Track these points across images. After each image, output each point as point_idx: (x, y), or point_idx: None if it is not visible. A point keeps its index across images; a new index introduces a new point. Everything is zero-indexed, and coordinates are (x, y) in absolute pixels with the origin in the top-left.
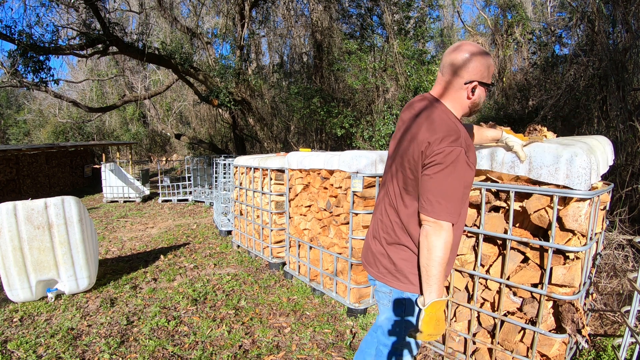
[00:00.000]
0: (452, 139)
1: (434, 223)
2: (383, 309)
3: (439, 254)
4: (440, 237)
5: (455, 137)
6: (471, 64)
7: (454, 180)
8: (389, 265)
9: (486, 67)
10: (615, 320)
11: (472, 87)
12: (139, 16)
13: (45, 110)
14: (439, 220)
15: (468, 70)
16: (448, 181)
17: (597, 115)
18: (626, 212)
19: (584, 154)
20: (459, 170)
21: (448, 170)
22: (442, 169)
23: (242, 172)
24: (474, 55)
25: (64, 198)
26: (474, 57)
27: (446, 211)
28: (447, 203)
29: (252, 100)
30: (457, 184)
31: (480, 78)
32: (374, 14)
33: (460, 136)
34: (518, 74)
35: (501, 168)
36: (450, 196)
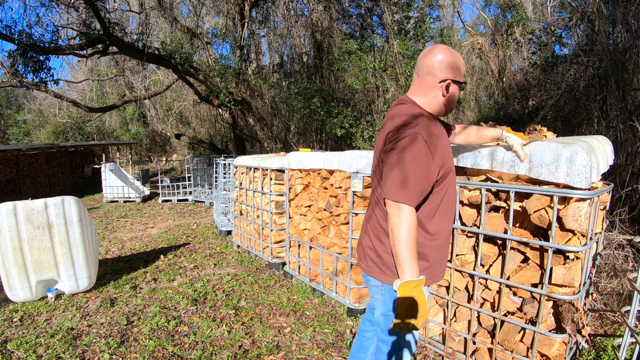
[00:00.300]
0: (408, 127)
1: (394, 205)
2: (377, 304)
3: (402, 234)
4: (401, 218)
5: (412, 125)
6: (444, 64)
7: (409, 164)
8: (376, 258)
9: (457, 66)
10: (615, 320)
11: (446, 85)
12: (139, 16)
13: (45, 110)
14: (397, 202)
15: (442, 70)
16: (402, 165)
17: (597, 115)
18: (626, 212)
19: (584, 152)
20: (414, 154)
21: (402, 155)
22: (396, 153)
23: (242, 172)
24: (446, 56)
25: (64, 198)
26: (446, 57)
27: (402, 193)
28: (403, 185)
29: (252, 100)
30: (412, 167)
31: (454, 77)
32: (374, 14)
33: (419, 124)
34: (518, 74)
35: (501, 167)
36: (406, 179)
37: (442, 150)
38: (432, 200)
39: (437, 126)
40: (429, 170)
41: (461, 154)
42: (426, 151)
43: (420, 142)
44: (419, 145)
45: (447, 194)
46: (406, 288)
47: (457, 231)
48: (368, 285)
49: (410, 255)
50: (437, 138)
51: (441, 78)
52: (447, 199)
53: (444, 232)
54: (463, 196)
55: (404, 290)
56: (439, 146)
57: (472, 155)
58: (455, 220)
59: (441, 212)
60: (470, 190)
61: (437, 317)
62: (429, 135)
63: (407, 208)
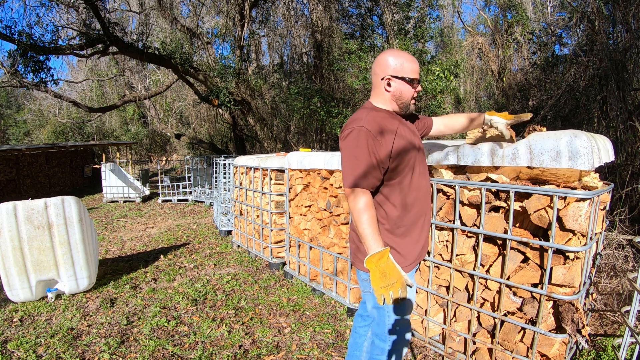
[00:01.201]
0: (352, 122)
1: (348, 191)
2: (368, 297)
3: (359, 215)
4: (355, 201)
5: (356, 120)
6: (383, 62)
7: (353, 152)
8: (355, 250)
9: (399, 63)
10: (615, 320)
11: (386, 81)
12: (139, 16)
13: (45, 110)
14: (349, 187)
15: (381, 68)
16: (347, 154)
17: (597, 115)
18: (626, 212)
19: (583, 135)
20: (356, 143)
21: (346, 146)
22: (343, 147)
23: (242, 172)
24: (385, 55)
25: (64, 198)
26: (384, 57)
27: (351, 179)
28: (352, 171)
29: (252, 100)
30: (355, 154)
31: (393, 73)
32: (374, 14)
33: (362, 119)
34: (518, 74)
35: (502, 161)
36: (352, 166)
37: (398, 144)
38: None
39: (392, 121)
40: (374, 155)
41: (461, 152)
42: (368, 140)
43: (361, 133)
44: (361, 135)
45: (409, 187)
46: (372, 261)
47: (457, 231)
48: (359, 279)
49: (369, 232)
50: (389, 131)
51: (381, 76)
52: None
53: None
54: (463, 196)
55: (370, 263)
56: (389, 138)
57: (472, 153)
58: (455, 220)
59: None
60: (470, 190)
61: (437, 317)
62: (375, 128)
63: (360, 190)
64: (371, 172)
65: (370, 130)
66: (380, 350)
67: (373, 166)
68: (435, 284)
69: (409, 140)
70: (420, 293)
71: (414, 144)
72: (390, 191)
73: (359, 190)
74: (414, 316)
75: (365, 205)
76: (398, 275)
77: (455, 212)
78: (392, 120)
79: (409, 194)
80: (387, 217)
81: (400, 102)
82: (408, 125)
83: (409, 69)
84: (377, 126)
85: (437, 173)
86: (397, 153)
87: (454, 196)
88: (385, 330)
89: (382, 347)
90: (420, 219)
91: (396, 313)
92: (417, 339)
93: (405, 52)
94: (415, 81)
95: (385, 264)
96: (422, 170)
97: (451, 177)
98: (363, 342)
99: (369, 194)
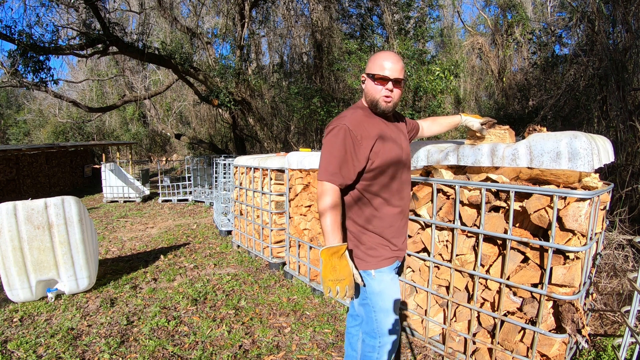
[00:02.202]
0: (335, 121)
1: (319, 184)
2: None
3: (323, 207)
4: (323, 194)
5: (339, 118)
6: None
7: (330, 149)
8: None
9: (372, 61)
10: (615, 320)
11: (362, 81)
12: (139, 16)
13: (45, 110)
14: (320, 180)
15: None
16: (325, 150)
17: (597, 115)
18: (626, 212)
19: (583, 136)
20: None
21: (326, 142)
22: (324, 142)
23: (242, 172)
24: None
25: (64, 198)
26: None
27: (324, 173)
28: (326, 167)
29: (252, 100)
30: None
31: (366, 71)
32: (374, 14)
33: (345, 117)
34: (518, 74)
35: (502, 162)
36: (327, 162)
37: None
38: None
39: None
40: (351, 154)
41: (461, 153)
42: (347, 139)
43: (341, 131)
44: (340, 133)
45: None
46: (326, 254)
47: (457, 231)
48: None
49: (329, 224)
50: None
51: (362, 79)
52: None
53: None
54: (463, 196)
55: (324, 255)
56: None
57: (472, 153)
58: (455, 220)
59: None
60: (470, 190)
61: (437, 317)
62: (357, 127)
63: (329, 185)
64: (345, 170)
65: (351, 129)
66: (371, 348)
67: (347, 165)
68: (435, 284)
69: (393, 141)
70: (420, 293)
71: (398, 145)
72: (368, 189)
73: (329, 185)
74: (413, 316)
75: (332, 201)
76: (348, 273)
77: (455, 212)
78: (375, 120)
79: (387, 194)
80: (361, 214)
81: (368, 100)
82: (396, 126)
83: (379, 66)
84: (360, 125)
85: (437, 173)
86: (377, 153)
87: (454, 196)
88: (374, 327)
89: (372, 344)
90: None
91: (382, 310)
92: (417, 339)
93: (388, 52)
94: (385, 80)
95: (337, 260)
96: (403, 171)
97: (451, 177)
98: (356, 341)
99: (337, 190)
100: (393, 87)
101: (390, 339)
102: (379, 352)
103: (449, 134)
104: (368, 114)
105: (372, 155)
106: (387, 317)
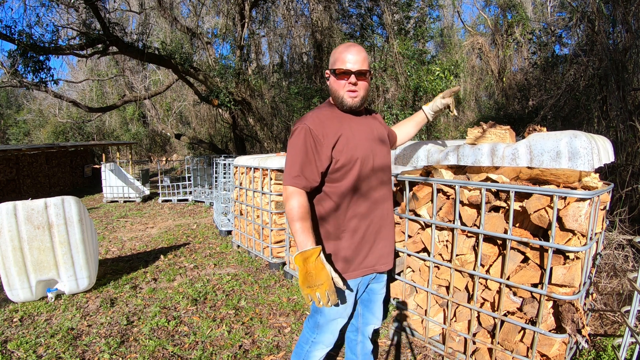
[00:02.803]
0: (298, 122)
1: (284, 188)
2: None
3: (289, 212)
4: (288, 199)
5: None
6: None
7: (292, 151)
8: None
9: (333, 56)
10: (615, 320)
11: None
12: (139, 16)
13: (45, 110)
14: (285, 185)
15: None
16: (288, 153)
17: (597, 115)
18: (626, 212)
19: (583, 135)
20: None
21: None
22: (288, 145)
23: (242, 172)
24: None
25: (64, 198)
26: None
27: (288, 177)
28: (289, 171)
29: (252, 100)
30: (295, 153)
31: (329, 67)
32: (374, 14)
33: (308, 117)
34: (518, 74)
35: (502, 162)
36: (290, 165)
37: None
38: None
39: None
40: (313, 154)
41: (461, 153)
42: (308, 140)
43: (302, 132)
44: (302, 134)
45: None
46: (299, 260)
47: (457, 231)
48: None
49: (298, 229)
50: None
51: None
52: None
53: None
54: (463, 196)
55: (297, 261)
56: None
57: (472, 153)
58: (455, 220)
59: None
60: (470, 190)
61: (437, 317)
62: (318, 127)
63: (293, 189)
64: (307, 171)
65: (312, 129)
66: (305, 340)
67: (310, 166)
68: (435, 284)
69: (361, 138)
70: (420, 293)
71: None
72: (334, 191)
73: (293, 189)
74: (413, 316)
75: (298, 205)
76: (325, 277)
77: (455, 212)
78: (341, 117)
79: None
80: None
81: (334, 97)
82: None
83: (340, 59)
84: (322, 124)
85: (437, 173)
86: (341, 151)
87: (454, 196)
88: (313, 324)
89: (307, 337)
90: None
91: (323, 314)
92: (417, 339)
93: (349, 44)
94: (347, 73)
95: (313, 264)
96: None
97: (451, 177)
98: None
99: (303, 193)
100: (357, 80)
101: (325, 339)
102: (310, 346)
103: (448, 134)
104: (333, 111)
105: (336, 154)
106: (328, 322)
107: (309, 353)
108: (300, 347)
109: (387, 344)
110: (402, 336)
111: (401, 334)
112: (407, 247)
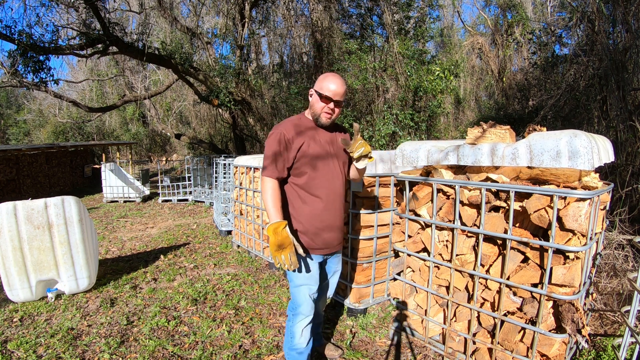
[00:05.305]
0: (275, 128)
1: (261, 179)
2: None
3: (264, 194)
4: (264, 186)
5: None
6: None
7: (267, 150)
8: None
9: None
10: (615, 320)
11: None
12: (139, 16)
13: (45, 110)
14: (262, 176)
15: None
16: (265, 150)
17: (597, 115)
18: (626, 212)
19: (583, 135)
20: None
21: (266, 143)
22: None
23: (242, 172)
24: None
25: (64, 198)
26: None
27: (264, 170)
28: (265, 165)
29: (252, 100)
30: (268, 151)
31: (315, 87)
32: (374, 14)
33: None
34: (518, 74)
35: (502, 162)
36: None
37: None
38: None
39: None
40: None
41: (461, 152)
42: (280, 142)
43: (276, 136)
44: (275, 137)
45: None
46: (270, 230)
47: (457, 231)
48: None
49: (271, 206)
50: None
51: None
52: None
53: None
54: (463, 196)
55: (269, 231)
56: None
57: (472, 153)
58: (455, 220)
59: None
60: (470, 190)
61: (437, 317)
62: (290, 132)
63: (266, 179)
64: (279, 165)
65: (284, 134)
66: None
67: (280, 161)
68: (435, 284)
69: (321, 146)
70: (420, 293)
71: (327, 150)
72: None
73: (267, 179)
74: (413, 316)
75: (271, 189)
76: (288, 242)
77: (455, 212)
78: (310, 127)
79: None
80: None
81: (312, 112)
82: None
83: (326, 87)
84: (292, 131)
85: (437, 173)
86: (304, 152)
87: (454, 196)
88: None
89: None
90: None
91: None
92: (417, 339)
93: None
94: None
95: (280, 233)
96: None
97: (451, 177)
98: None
99: (275, 182)
100: (334, 106)
101: (302, 309)
102: (293, 321)
103: (448, 134)
104: (305, 121)
105: (299, 155)
106: (297, 289)
107: (293, 327)
108: (287, 329)
109: (387, 344)
110: (402, 336)
111: (401, 333)
112: (407, 247)
